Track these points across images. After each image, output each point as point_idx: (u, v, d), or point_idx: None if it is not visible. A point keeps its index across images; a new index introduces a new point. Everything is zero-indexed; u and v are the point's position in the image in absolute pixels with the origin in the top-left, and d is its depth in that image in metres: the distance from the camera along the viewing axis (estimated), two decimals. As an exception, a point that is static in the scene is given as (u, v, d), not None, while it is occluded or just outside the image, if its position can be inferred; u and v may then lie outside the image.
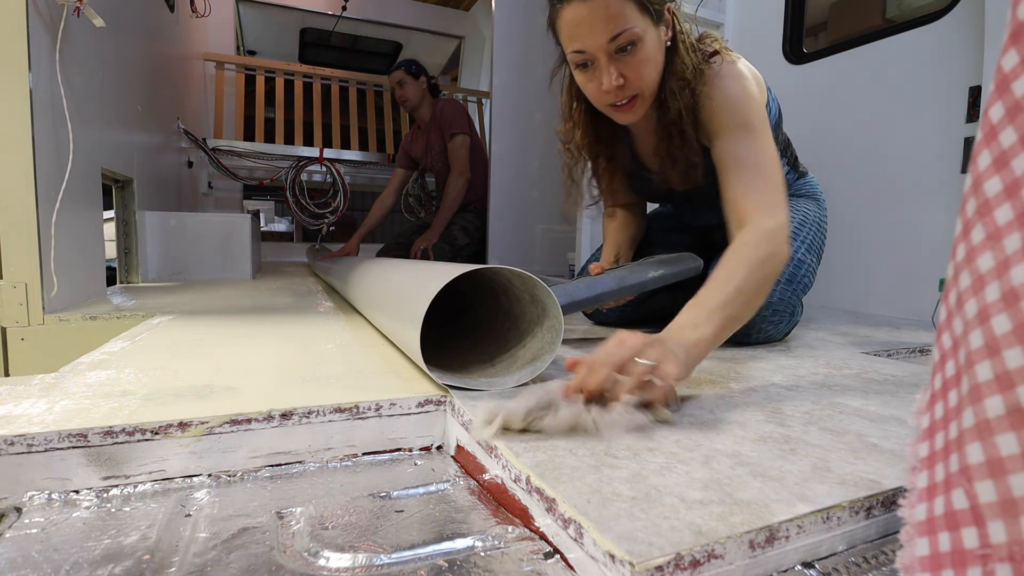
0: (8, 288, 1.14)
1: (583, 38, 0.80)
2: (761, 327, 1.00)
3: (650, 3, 0.81)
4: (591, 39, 0.79)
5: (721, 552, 0.36)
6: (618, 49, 0.80)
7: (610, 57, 0.81)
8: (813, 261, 1.08)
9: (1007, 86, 0.26)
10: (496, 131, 2.50)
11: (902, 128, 1.57)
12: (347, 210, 3.86)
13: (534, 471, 0.45)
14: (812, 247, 1.09)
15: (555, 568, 0.40)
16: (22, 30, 1.11)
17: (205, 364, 0.77)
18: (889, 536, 0.43)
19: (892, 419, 0.60)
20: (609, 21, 0.78)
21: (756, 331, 1.00)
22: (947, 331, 0.29)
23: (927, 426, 0.30)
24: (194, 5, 3.09)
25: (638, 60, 0.81)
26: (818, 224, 1.14)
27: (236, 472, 0.55)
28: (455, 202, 2.54)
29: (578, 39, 0.81)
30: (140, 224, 2.00)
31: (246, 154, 3.59)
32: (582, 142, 1.04)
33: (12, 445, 0.49)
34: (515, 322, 0.81)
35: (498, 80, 2.48)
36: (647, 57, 0.82)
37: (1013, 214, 0.25)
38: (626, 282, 0.96)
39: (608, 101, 0.86)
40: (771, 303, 0.99)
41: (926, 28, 1.52)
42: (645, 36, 0.80)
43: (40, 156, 1.16)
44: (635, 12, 0.79)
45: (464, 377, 0.69)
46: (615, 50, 0.80)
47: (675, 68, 0.87)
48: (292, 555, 0.41)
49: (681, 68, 0.87)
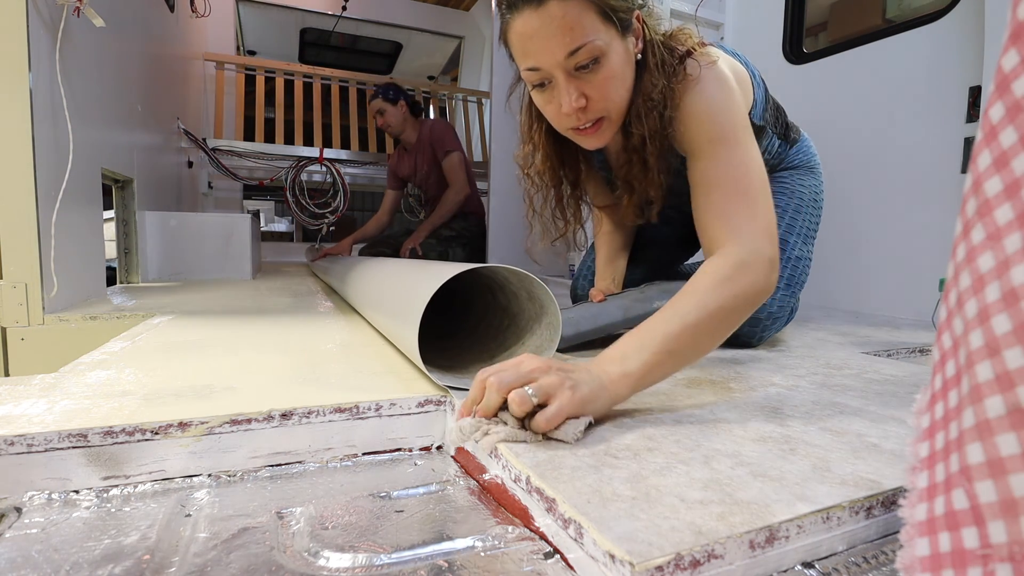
0: (8, 288, 1.14)
1: (536, 54, 0.69)
2: (761, 335, 0.99)
3: (614, 11, 0.70)
4: (546, 55, 0.69)
5: (721, 552, 0.36)
6: (578, 66, 0.69)
7: (569, 75, 0.70)
8: (808, 251, 1.06)
9: (1007, 86, 0.26)
10: (496, 131, 2.51)
11: (902, 128, 1.57)
12: (347, 210, 3.86)
13: (534, 471, 0.45)
14: (808, 236, 1.06)
15: (555, 568, 0.40)
16: (22, 30, 1.11)
17: (205, 364, 0.77)
18: (889, 536, 0.43)
19: (892, 419, 0.60)
20: (566, 34, 0.67)
21: (757, 340, 1.00)
22: (947, 331, 0.29)
23: (927, 426, 0.30)
24: (194, 5, 3.09)
25: (602, 78, 0.71)
26: (813, 203, 1.08)
27: (236, 472, 0.55)
28: (448, 214, 2.58)
29: (531, 55, 0.70)
30: (140, 224, 2.00)
31: (246, 154, 3.59)
32: (543, 167, 0.93)
33: (12, 445, 0.49)
34: (514, 319, 0.81)
35: (498, 80, 2.48)
36: (612, 75, 0.72)
37: (1013, 214, 0.25)
38: (631, 312, 0.95)
39: (570, 124, 0.76)
40: (772, 313, 0.98)
41: (926, 28, 1.52)
42: (609, 50, 0.70)
43: (40, 156, 1.16)
44: (597, 22, 0.68)
45: (464, 377, 0.69)
46: (574, 67, 0.70)
47: (643, 87, 0.76)
48: (292, 555, 0.41)
49: (650, 87, 0.76)
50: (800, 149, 1.14)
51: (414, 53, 5.05)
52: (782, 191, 1.09)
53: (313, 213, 3.79)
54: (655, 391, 0.69)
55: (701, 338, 0.61)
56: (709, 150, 0.73)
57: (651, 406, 0.63)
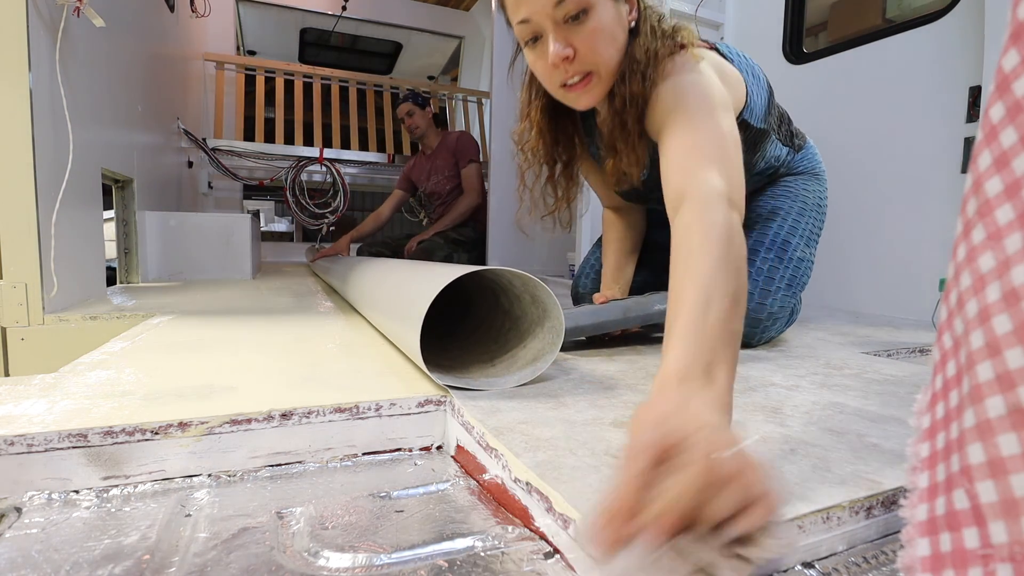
0: (8, 288, 1.14)
1: (527, 4, 0.73)
2: (761, 336, 0.99)
3: None
4: (535, 4, 0.72)
5: (721, 552, 0.36)
6: (566, 17, 0.72)
7: (557, 26, 0.73)
8: (811, 254, 1.07)
9: (1007, 86, 0.26)
10: (496, 131, 2.51)
11: (902, 128, 1.57)
12: (347, 210, 3.86)
13: (534, 471, 0.45)
14: (811, 239, 1.07)
15: (555, 568, 0.40)
16: (22, 30, 1.11)
17: (205, 364, 0.77)
18: (889, 536, 0.43)
19: (892, 419, 0.60)
20: None
21: (757, 340, 1.00)
22: (948, 331, 0.29)
23: (928, 426, 0.30)
24: (194, 5, 3.09)
25: (590, 30, 0.74)
26: (817, 207, 1.10)
27: (236, 472, 0.55)
28: (462, 216, 2.75)
29: (522, 6, 0.73)
30: (140, 224, 2.00)
31: (246, 154, 3.59)
32: (536, 143, 0.96)
33: (12, 445, 0.49)
34: (516, 322, 0.81)
35: (498, 80, 2.48)
36: (600, 28, 0.74)
37: (1014, 214, 0.25)
38: (631, 313, 0.96)
39: (559, 79, 0.78)
40: (772, 313, 0.98)
41: (926, 28, 1.52)
42: (598, 5, 0.73)
43: (40, 156, 1.16)
44: None
45: (464, 377, 0.69)
46: (562, 18, 0.73)
47: (632, 50, 0.79)
48: (292, 555, 0.41)
49: (639, 52, 0.78)
50: (806, 156, 1.15)
51: (414, 53, 5.05)
52: (786, 194, 1.10)
53: (313, 213, 3.80)
54: (655, 391, 0.69)
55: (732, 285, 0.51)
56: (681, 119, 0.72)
57: (651, 406, 0.63)
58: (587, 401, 0.65)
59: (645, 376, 0.78)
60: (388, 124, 4.16)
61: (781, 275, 1.01)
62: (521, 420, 0.57)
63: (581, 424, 0.57)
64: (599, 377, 0.76)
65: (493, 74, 2.49)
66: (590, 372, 0.79)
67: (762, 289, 0.99)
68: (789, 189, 1.11)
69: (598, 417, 0.59)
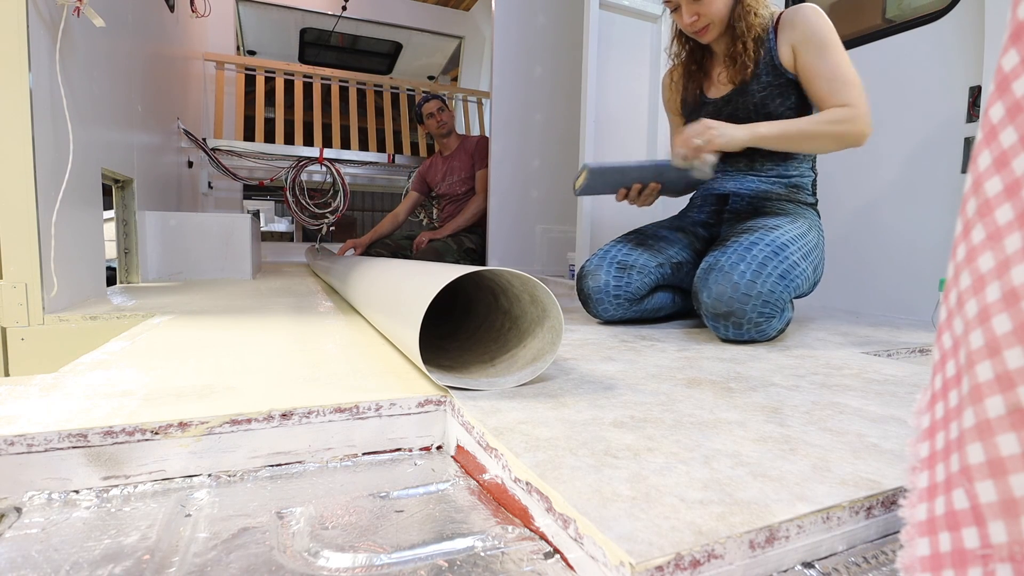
0: (8, 288, 1.14)
1: None
2: (751, 317, 1.02)
3: None
4: None
5: (721, 552, 0.36)
6: None
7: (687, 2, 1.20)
8: (807, 269, 1.14)
9: (1007, 86, 0.26)
10: (496, 131, 2.51)
11: (902, 128, 1.57)
12: (347, 210, 3.86)
13: (534, 471, 0.45)
14: (807, 255, 1.16)
15: (555, 568, 0.40)
16: (22, 30, 1.11)
17: (205, 364, 0.77)
18: (889, 536, 0.43)
19: (892, 419, 0.60)
20: None
21: (746, 321, 1.03)
22: (947, 331, 0.29)
23: (928, 426, 0.30)
24: (194, 5, 3.09)
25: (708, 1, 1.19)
26: (816, 244, 1.23)
27: (236, 472, 0.55)
28: (474, 217, 2.80)
29: None
30: (140, 224, 2.00)
31: (246, 154, 3.59)
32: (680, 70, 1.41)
33: (12, 445, 0.49)
34: (515, 322, 0.81)
35: (498, 80, 2.48)
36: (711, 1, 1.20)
37: (1013, 214, 0.25)
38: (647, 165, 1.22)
39: (691, 30, 1.25)
40: (761, 292, 1.03)
41: (926, 28, 1.52)
42: None
43: (40, 156, 1.16)
44: None
45: (464, 377, 0.69)
46: None
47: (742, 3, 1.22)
48: (292, 555, 0.41)
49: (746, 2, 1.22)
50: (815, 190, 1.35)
51: (414, 53, 5.05)
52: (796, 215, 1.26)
53: (313, 213, 3.80)
54: (655, 391, 0.70)
55: (803, 140, 1.13)
56: (823, 51, 1.15)
57: (651, 406, 0.63)
58: (587, 401, 0.65)
59: (645, 376, 0.78)
60: (388, 124, 4.16)
61: (775, 266, 1.07)
62: (521, 420, 0.57)
63: (581, 424, 0.57)
64: (599, 377, 0.77)
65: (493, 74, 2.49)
66: (590, 372, 0.79)
67: (754, 271, 1.05)
68: (800, 215, 1.25)
69: (598, 417, 0.59)
